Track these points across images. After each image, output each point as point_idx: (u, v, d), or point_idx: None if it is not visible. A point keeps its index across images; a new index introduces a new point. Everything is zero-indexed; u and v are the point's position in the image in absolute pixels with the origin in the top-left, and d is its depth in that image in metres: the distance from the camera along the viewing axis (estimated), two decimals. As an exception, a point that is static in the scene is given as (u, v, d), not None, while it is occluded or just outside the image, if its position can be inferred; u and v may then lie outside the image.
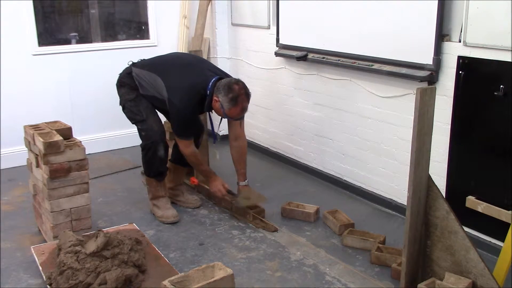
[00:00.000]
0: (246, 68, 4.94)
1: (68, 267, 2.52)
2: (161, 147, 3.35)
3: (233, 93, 3.15)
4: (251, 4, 4.71)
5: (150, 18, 5.03)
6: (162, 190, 3.51)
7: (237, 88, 3.17)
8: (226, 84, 3.18)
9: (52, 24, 4.76)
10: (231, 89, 3.16)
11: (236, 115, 3.26)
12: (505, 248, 2.34)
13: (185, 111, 3.22)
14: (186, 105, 3.21)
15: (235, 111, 3.21)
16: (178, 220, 3.43)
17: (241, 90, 3.18)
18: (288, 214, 3.53)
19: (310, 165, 4.33)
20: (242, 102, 3.19)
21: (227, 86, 3.17)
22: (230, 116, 3.25)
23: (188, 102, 3.21)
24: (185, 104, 3.21)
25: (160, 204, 3.49)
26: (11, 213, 3.64)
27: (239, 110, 3.21)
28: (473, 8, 2.82)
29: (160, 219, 3.44)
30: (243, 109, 3.24)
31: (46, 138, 2.90)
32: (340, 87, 3.89)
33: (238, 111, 3.21)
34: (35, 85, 4.53)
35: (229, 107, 3.18)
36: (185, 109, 3.21)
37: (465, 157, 3.04)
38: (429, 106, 2.24)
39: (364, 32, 3.54)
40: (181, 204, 3.67)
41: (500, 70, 2.76)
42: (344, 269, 2.87)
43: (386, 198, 3.66)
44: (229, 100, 3.15)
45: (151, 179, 3.47)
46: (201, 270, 2.42)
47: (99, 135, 4.77)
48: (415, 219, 2.37)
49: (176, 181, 3.70)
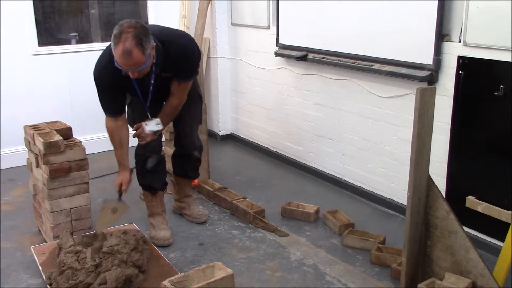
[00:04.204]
0: (246, 68, 4.94)
1: (68, 267, 2.52)
2: (151, 159, 3.10)
3: (117, 28, 2.55)
4: (251, 4, 4.71)
5: (150, 18, 5.04)
6: (158, 206, 3.26)
7: (125, 24, 2.55)
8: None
9: (52, 24, 4.76)
10: (118, 25, 2.57)
11: (118, 58, 2.56)
12: (505, 248, 2.34)
13: (98, 78, 2.81)
14: (99, 70, 2.79)
15: (116, 52, 2.54)
16: (169, 244, 3.13)
17: (129, 29, 2.52)
18: (288, 214, 3.52)
19: (310, 165, 4.33)
20: (124, 41, 2.50)
21: (119, 23, 2.59)
22: (117, 62, 2.59)
23: (100, 67, 2.78)
24: (97, 70, 2.80)
25: (155, 222, 3.24)
26: (11, 213, 3.64)
27: (120, 51, 2.52)
28: (473, 8, 2.82)
29: (152, 240, 3.13)
30: (125, 52, 2.51)
31: (46, 138, 2.90)
32: (340, 87, 3.89)
33: (119, 52, 2.52)
34: (35, 85, 4.54)
35: (113, 47, 2.56)
36: (98, 75, 2.80)
37: (465, 157, 3.04)
38: (429, 106, 2.24)
39: (364, 32, 3.54)
40: (187, 218, 3.49)
41: (500, 70, 2.76)
42: (344, 269, 2.87)
43: (386, 198, 3.66)
44: (112, 37, 2.55)
45: (146, 192, 3.24)
46: (201, 270, 2.42)
47: (99, 135, 4.76)
48: (415, 219, 2.37)
49: (180, 193, 3.51)
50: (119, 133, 2.93)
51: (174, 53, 2.84)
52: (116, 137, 2.93)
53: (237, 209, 3.54)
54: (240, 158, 4.88)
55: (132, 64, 2.56)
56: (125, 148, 2.98)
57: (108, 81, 2.80)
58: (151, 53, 2.65)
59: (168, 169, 3.55)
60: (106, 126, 2.93)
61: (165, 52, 2.81)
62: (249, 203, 3.58)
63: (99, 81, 2.83)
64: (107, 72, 2.76)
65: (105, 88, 2.83)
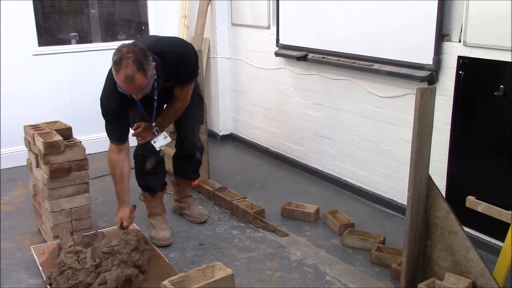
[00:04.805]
0: (246, 68, 4.94)
1: (68, 267, 2.52)
2: (150, 160, 3.10)
3: (116, 55, 2.56)
4: (251, 4, 4.71)
5: (150, 18, 5.04)
6: (158, 206, 3.26)
7: (124, 50, 2.56)
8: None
9: (52, 24, 4.76)
10: (117, 51, 2.58)
11: (121, 84, 2.59)
12: (505, 248, 2.34)
13: (106, 107, 2.81)
14: (107, 99, 2.79)
15: (119, 79, 2.57)
16: (169, 244, 3.14)
17: (128, 54, 2.53)
18: (288, 214, 3.52)
19: (310, 165, 4.33)
20: (125, 67, 2.52)
21: (117, 49, 2.61)
22: (120, 87, 2.63)
23: (108, 95, 2.78)
24: (105, 98, 2.80)
25: (155, 223, 3.24)
26: (11, 213, 3.64)
27: (122, 78, 2.54)
28: (473, 8, 2.82)
29: (152, 240, 3.13)
30: (128, 78, 2.53)
31: (46, 138, 2.90)
32: (340, 87, 3.89)
33: (122, 78, 2.55)
34: (35, 85, 4.54)
35: (114, 74, 2.58)
36: (106, 104, 2.80)
37: (465, 157, 3.04)
38: (429, 106, 2.24)
39: (364, 32, 3.54)
40: (187, 218, 3.50)
41: (500, 70, 2.76)
42: (344, 269, 2.87)
43: (386, 198, 3.66)
44: (113, 64, 2.57)
45: (146, 193, 3.24)
46: (201, 270, 2.42)
47: (99, 135, 4.75)
48: (415, 219, 2.37)
49: (180, 194, 3.52)
50: (121, 167, 2.90)
51: (172, 62, 2.85)
52: (118, 170, 2.90)
53: (237, 209, 3.54)
54: (240, 158, 4.88)
55: (135, 88, 2.60)
56: (125, 183, 2.94)
57: (117, 108, 2.81)
58: (152, 73, 2.66)
59: (168, 169, 3.55)
60: (108, 159, 2.92)
61: (163, 63, 2.83)
62: (249, 203, 3.58)
63: (108, 108, 2.82)
64: (115, 100, 2.77)
65: (113, 116, 2.84)
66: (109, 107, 2.81)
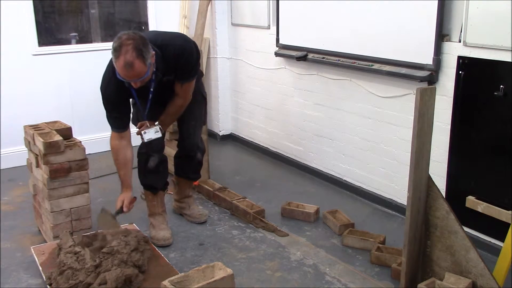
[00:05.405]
0: (246, 68, 4.94)
1: (68, 267, 2.52)
2: (153, 158, 3.10)
3: (116, 42, 2.57)
4: (251, 4, 4.71)
5: (150, 18, 5.04)
6: (159, 206, 3.25)
7: (124, 37, 2.57)
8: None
9: (52, 24, 4.76)
10: (117, 38, 2.58)
11: (120, 71, 2.60)
12: (505, 248, 2.34)
13: (105, 94, 2.83)
14: (106, 86, 2.82)
15: (118, 65, 2.58)
16: (169, 244, 3.14)
17: (128, 41, 2.55)
18: (288, 214, 3.52)
19: (310, 165, 4.33)
20: (125, 53, 2.53)
21: (117, 36, 2.61)
22: (119, 74, 2.64)
23: (107, 82, 2.81)
24: (104, 86, 2.83)
25: (155, 222, 3.23)
26: (11, 213, 3.64)
27: (121, 64, 2.55)
28: (473, 8, 2.82)
29: (152, 240, 3.12)
30: (127, 64, 2.54)
31: (46, 138, 2.90)
32: (340, 87, 3.89)
33: (121, 64, 2.56)
34: (35, 85, 4.53)
35: (114, 61, 2.60)
36: (105, 91, 2.83)
37: (465, 157, 3.04)
38: (429, 106, 2.24)
39: (364, 32, 3.54)
40: (187, 218, 3.49)
41: (500, 70, 2.76)
42: (344, 269, 2.87)
43: (386, 198, 3.66)
44: (112, 50, 2.58)
45: (147, 191, 3.24)
46: (201, 270, 2.42)
47: (99, 135, 4.76)
48: (415, 219, 2.37)
49: (181, 193, 3.52)
50: (124, 152, 2.94)
51: (172, 55, 2.85)
52: (121, 155, 2.93)
53: (237, 209, 3.54)
54: (240, 158, 4.88)
55: (134, 75, 2.60)
56: (129, 168, 2.98)
57: (115, 95, 2.83)
58: (151, 62, 2.67)
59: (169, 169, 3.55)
60: (111, 146, 2.94)
61: (163, 56, 2.83)
62: (249, 203, 3.58)
63: (106, 96, 2.85)
64: (113, 87, 2.80)
65: (112, 103, 2.86)
66: (107, 94, 2.83)
